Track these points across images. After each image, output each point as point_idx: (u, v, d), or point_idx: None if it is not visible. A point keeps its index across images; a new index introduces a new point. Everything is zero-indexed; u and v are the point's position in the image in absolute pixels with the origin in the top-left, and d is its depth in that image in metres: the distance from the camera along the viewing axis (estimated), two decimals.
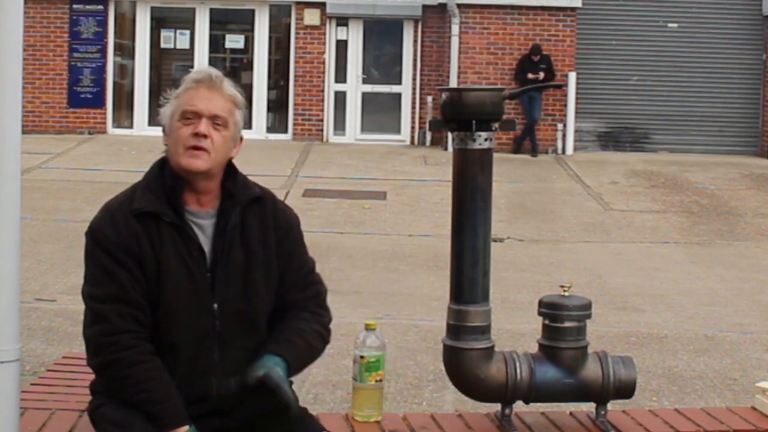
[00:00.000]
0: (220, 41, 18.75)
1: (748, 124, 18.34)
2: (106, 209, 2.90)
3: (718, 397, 5.97)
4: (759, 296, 8.92)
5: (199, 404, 2.82)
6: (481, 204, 3.46)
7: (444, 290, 3.33)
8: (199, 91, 2.87)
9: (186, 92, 2.88)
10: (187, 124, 2.84)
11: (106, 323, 2.77)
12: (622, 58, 18.09)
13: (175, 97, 2.90)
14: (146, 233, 2.81)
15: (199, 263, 2.84)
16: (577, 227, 12.19)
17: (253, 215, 2.92)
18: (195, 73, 2.93)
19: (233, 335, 2.86)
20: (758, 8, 18.16)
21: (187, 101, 2.86)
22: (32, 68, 17.55)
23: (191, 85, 2.89)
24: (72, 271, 8.63)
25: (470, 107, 3.41)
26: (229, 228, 2.87)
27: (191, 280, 2.82)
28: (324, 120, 18.23)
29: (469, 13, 17.36)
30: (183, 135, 2.84)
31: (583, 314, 3.53)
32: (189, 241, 2.84)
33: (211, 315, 2.84)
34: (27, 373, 5.27)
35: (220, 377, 2.85)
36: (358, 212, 12.45)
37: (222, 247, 2.86)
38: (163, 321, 2.82)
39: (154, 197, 2.85)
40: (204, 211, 2.89)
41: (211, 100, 2.86)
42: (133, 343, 2.76)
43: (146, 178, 2.93)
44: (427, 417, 3.70)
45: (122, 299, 2.78)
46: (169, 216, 2.83)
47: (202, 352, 2.84)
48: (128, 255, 2.80)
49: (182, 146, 2.83)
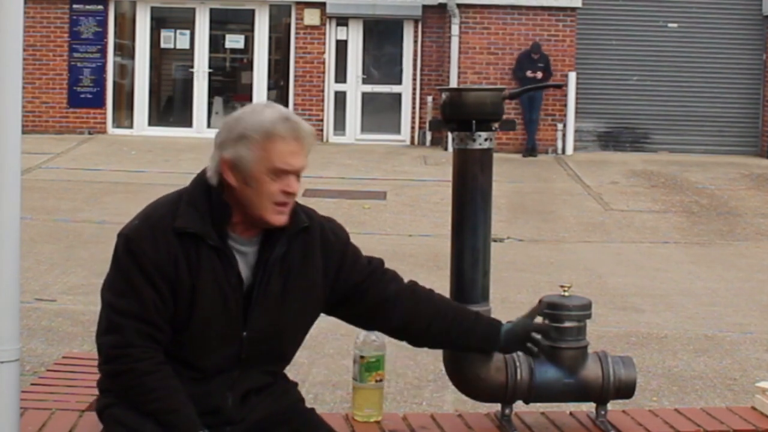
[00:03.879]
0: (220, 41, 18.75)
1: (748, 124, 18.35)
2: (146, 219, 2.76)
3: (718, 397, 5.97)
4: (759, 296, 8.92)
5: (213, 415, 2.79)
6: (481, 204, 3.45)
7: (444, 290, 3.33)
8: (290, 145, 2.73)
9: (276, 144, 2.71)
10: (277, 180, 2.72)
11: (120, 336, 2.71)
12: (622, 58, 18.10)
13: (259, 143, 2.71)
14: (185, 255, 2.71)
15: (236, 291, 2.76)
16: (577, 227, 12.19)
17: (298, 245, 2.84)
18: (282, 122, 2.73)
19: (257, 361, 2.83)
20: (758, 8, 18.17)
21: (281, 159, 2.71)
22: (32, 68, 17.56)
23: (282, 136, 2.72)
24: (72, 271, 8.63)
25: (470, 107, 3.41)
26: (272, 258, 2.79)
27: (225, 308, 2.75)
28: (324, 120, 18.23)
29: (469, 13, 17.37)
30: (273, 191, 2.72)
31: (583, 314, 3.53)
32: (229, 268, 2.75)
33: (239, 343, 2.78)
34: (27, 373, 5.27)
35: (236, 392, 2.82)
36: (358, 212, 12.46)
37: (261, 277, 2.78)
38: (189, 344, 2.76)
39: (199, 216, 2.73)
40: (247, 239, 2.80)
41: (299, 156, 2.76)
42: (144, 356, 2.70)
43: (191, 191, 2.79)
44: (427, 417, 3.70)
45: (142, 318, 2.70)
46: (212, 240, 2.73)
47: (223, 373, 2.80)
48: (161, 276, 2.70)
49: (270, 202, 2.73)
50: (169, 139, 17.06)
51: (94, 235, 10.32)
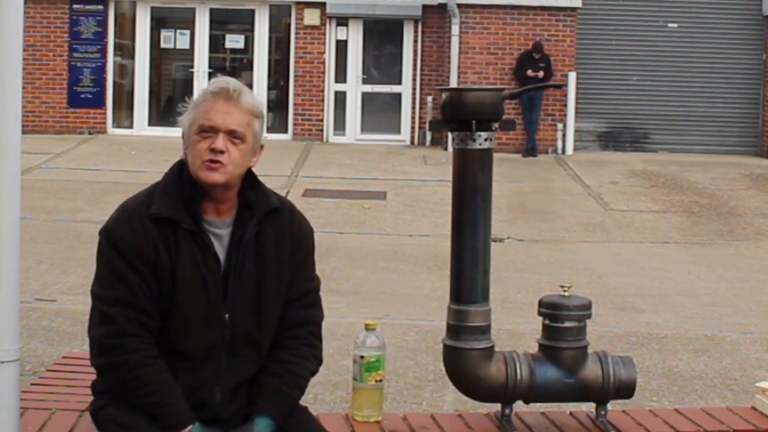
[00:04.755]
0: (220, 41, 18.75)
1: (748, 124, 18.35)
2: (123, 210, 2.87)
3: (718, 397, 5.96)
4: (759, 296, 8.92)
5: (201, 410, 2.82)
6: (481, 204, 3.46)
7: (444, 290, 3.33)
8: (216, 104, 2.82)
9: (203, 105, 2.83)
10: (205, 138, 2.81)
11: (113, 325, 2.77)
12: (622, 58, 18.09)
13: (194, 107, 2.86)
14: (163, 239, 2.80)
15: (214, 272, 2.83)
16: (577, 227, 12.19)
17: (270, 226, 2.91)
18: (213, 84, 2.87)
19: (241, 346, 2.87)
20: (758, 8, 18.16)
21: (204, 115, 2.82)
22: (32, 68, 17.55)
23: (208, 97, 2.83)
24: (72, 271, 8.63)
25: (470, 107, 3.41)
26: (245, 239, 2.86)
27: (205, 290, 2.82)
28: (324, 120, 18.23)
29: (469, 13, 17.36)
30: (200, 149, 2.81)
31: (583, 314, 3.53)
32: (205, 250, 2.83)
33: (221, 325, 2.84)
34: (27, 373, 5.27)
35: (224, 386, 2.86)
36: (358, 212, 12.46)
37: (237, 257, 2.85)
38: (173, 328, 2.81)
39: (173, 202, 2.82)
40: (221, 221, 2.87)
41: (228, 114, 2.81)
42: (138, 347, 2.76)
43: (165, 181, 2.89)
44: (427, 417, 3.70)
45: (131, 304, 2.77)
46: (187, 223, 2.81)
47: (210, 361, 2.84)
48: (142, 260, 2.78)
49: (199, 159, 2.81)
50: (169, 139, 17.01)
51: (94, 235, 10.21)
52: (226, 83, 2.84)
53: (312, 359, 2.97)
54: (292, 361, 2.92)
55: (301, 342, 2.95)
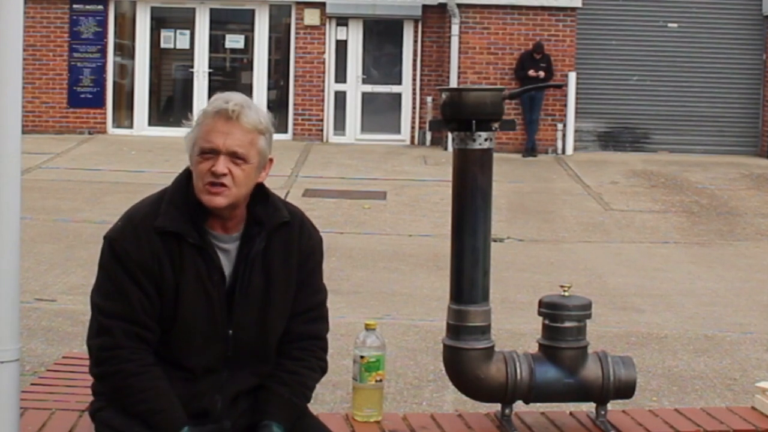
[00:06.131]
0: (220, 41, 18.74)
1: (748, 124, 18.35)
2: (129, 220, 2.79)
3: (718, 397, 5.96)
4: (759, 296, 8.92)
5: (201, 418, 2.80)
6: (481, 204, 3.45)
7: (444, 290, 3.33)
8: (216, 124, 2.72)
9: (203, 125, 2.74)
10: (206, 159, 2.72)
11: (109, 337, 2.74)
12: (622, 58, 18.09)
13: (197, 125, 2.76)
14: (168, 253, 2.74)
15: (219, 288, 2.78)
16: (577, 227, 12.19)
17: (278, 240, 2.84)
18: (212, 103, 2.76)
19: (244, 360, 2.84)
20: (758, 8, 18.16)
21: (204, 136, 2.73)
22: (32, 68, 17.55)
23: (208, 117, 2.74)
24: (72, 271, 8.64)
25: (470, 107, 3.41)
26: (252, 254, 2.80)
27: (209, 305, 2.77)
28: (324, 120, 18.23)
29: (469, 13, 17.36)
30: (202, 171, 2.73)
31: (583, 314, 3.53)
32: (211, 265, 2.77)
33: (225, 341, 2.80)
34: (27, 373, 5.27)
35: (225, 395, 2.83)
36: (358, 212, 12.46)
37: (244, 272, 2.79)
38: (175, 342, 2.78)
39: (180, 215, 2.75)
40: (228, 236, 2.81)
41: (228, 135, 2.71)
42: (131, 357, 2.73)
43: (173, 190, 2.82)
44: (427, 417, 3.70)
45: (129, 318, 2.73)
46: (192, 238, 2.75)
47: (212, 373, 2.81)
48: (146, 275, 2.73)
49: (201, 182, 2.73)
50: (169, 139, 17.03)
51: (94, 235, 10.30)
52: (225, 102, 2.74)
53: (319, 371, 2.95)
54: (301, 372, 2.88)
55: (310, 354, 2.91)
